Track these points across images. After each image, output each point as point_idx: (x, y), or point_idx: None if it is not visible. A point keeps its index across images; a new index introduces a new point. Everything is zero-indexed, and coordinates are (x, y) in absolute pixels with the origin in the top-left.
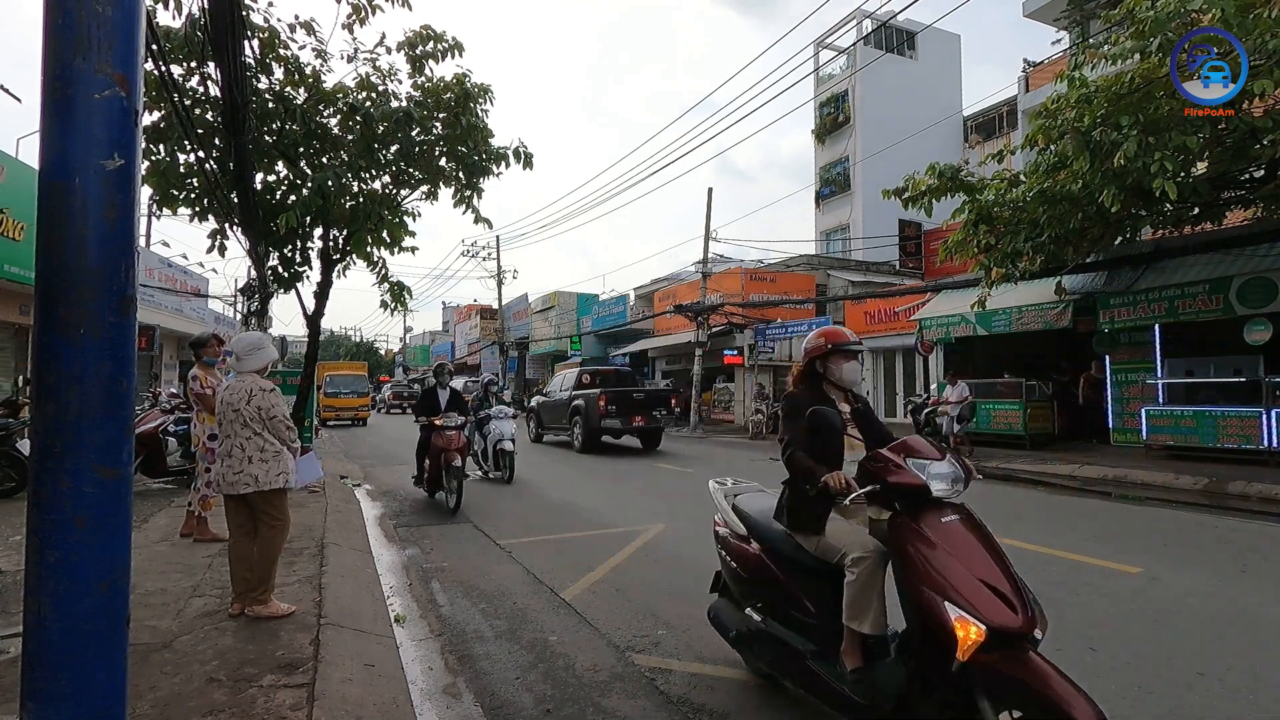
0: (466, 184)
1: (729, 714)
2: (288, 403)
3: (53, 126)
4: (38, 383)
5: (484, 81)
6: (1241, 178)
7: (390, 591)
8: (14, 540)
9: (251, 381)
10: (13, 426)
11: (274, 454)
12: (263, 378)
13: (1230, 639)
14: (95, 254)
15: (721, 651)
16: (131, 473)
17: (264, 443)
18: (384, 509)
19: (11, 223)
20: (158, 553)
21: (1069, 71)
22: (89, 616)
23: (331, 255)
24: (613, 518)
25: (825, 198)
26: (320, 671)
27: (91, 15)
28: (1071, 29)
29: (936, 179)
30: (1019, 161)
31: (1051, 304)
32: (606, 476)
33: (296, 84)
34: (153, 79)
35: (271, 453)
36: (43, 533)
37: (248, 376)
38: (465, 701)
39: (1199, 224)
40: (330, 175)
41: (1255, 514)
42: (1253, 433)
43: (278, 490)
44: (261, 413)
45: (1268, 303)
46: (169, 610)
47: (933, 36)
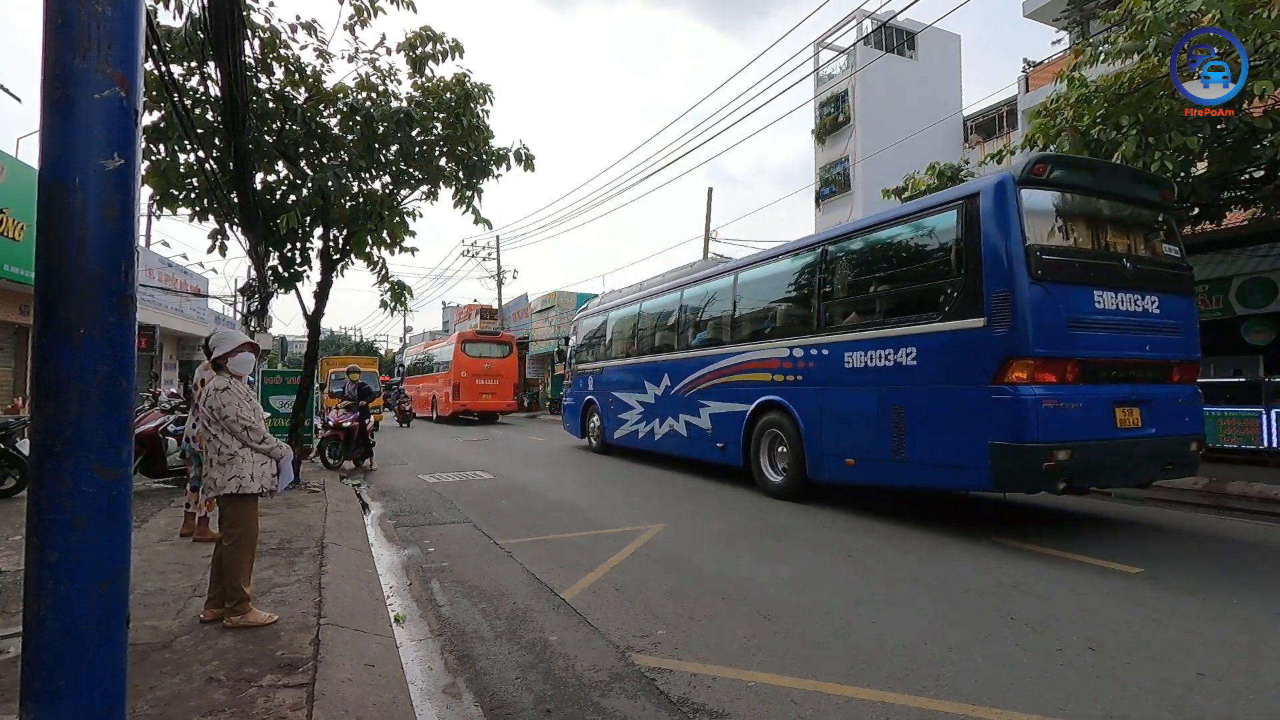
0: (466, 184)
1: (729, 714)
2: (286, 403)
3: (53, 126)
4: (38, 383)
5: (484, 82)
6: (1241, 178)
7: (390, 591)
8: (14, 540)
9: (212, 380)
10: (13, 426)
11: (229, 457)
12: (245, 374)
13: (1230, 639)
14: (95, 254)
15: (722, 651)
16: (131, 473)
17: (221, 445)
18: (384, 509)
19: (11, 223)
20: (158, 553)
21: (1069, 71)
22: (89, 616)
23: (331, 255)
24: (613, 518)
25: (825, 198)
26: (320, 671)
27: (91, 15)
28: (1071, 29)
29: (936, 179)
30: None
31: None
32: (606, 477)
33: (297, 84)
34: (153, 79)
35: (226, 455)
36: (43, 533)
37: (221, 375)
38: (465, 701)
39: (1199, 224)
40: (330, 175)
41: (1255, 514)
42: (1252, 433)
43: (233, 496)
44: (214, 413)
45: (1268, 303)
46: (169, 610)
47: (933, 36)
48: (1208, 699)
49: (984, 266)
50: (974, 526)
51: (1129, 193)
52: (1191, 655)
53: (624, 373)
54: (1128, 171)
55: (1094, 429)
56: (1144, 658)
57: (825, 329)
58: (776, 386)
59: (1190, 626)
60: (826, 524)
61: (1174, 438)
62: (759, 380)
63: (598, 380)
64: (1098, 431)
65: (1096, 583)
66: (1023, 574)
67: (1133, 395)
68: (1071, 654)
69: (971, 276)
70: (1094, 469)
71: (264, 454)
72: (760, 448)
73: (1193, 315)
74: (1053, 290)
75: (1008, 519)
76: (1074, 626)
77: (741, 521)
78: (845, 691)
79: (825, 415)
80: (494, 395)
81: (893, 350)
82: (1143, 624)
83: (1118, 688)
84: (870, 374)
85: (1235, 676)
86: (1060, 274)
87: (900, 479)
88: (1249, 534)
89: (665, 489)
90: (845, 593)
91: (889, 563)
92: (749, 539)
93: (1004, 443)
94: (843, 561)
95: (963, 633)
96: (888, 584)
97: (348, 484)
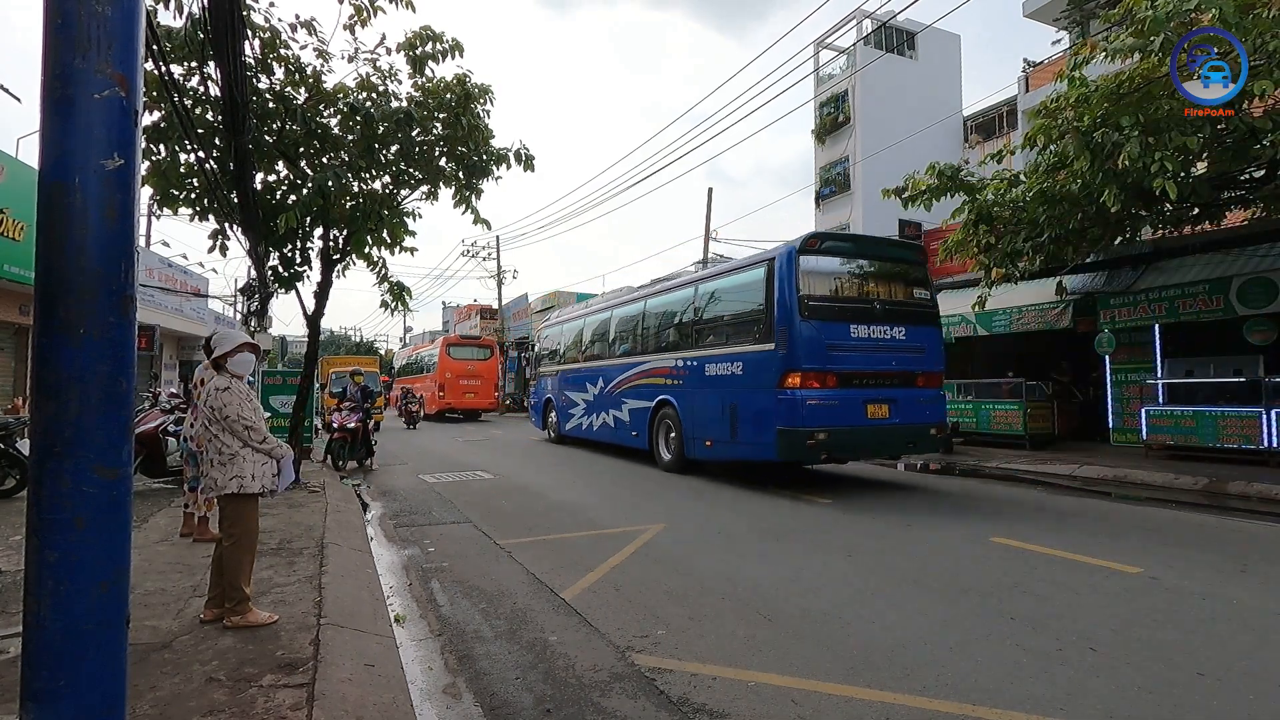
0: (466, 184)
1: (729, 714)
2: (286, 403)
3: (53, 126)
4: (38, 383)
5: (484, 82)
6: (1241, 178)
7: (390, 591)
8: (14, 540)
9: (212, 380)
10: (13, 426)
11: (230, 456)
12: (245, 374)
13: (1230, 639)
14: (95, 254)
15: (721, 651)
16: (131, 473)
17: (221, 444)
18: (384, 509)
19: (11, 223)
20: (158, 553)
21: (1069, 71)
22: (89, 616)
23: (331, 255)
24: (612, 518)
25: (825, 198)
26: (320, 671)
27: (91, 15)
28: (1071, 29)
29: (936, 179)
30: (1019, 161)
31: (1051, 304)
32: (606, 477)
33: (297, 84)
34: (153, 79)
35: (228, 455)
36: (43, 533)
37: (221, 375)
38: (465, 701)
39: (1199, 224)
40: (330, 175)
41: (1255, 514)
42: (1252, 433)
43: (235, 496)
44: (215, 413)
45: (1268, 303)
46: (169, 610)
47: (933, 37)
48: (1208, 699)
49: (775, 308)
50: (974, 527)
51: (886, 254)
52: (1192, 655)
53: (572, 376)
54: (885, 240)
55: (847, 419)
56: (1144, 658)
57: (696, 346)
58: (668, 388)
59: (1190, 626)
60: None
61: (916, 425)
62: (658, 383)
63: (554, 383)
64: (850, 421)
65: (1096, 583)
66: (1023, 574)
67: (881, 396)
68: (1071, 654)
69: (769, 315)
70: (846, 446)
71: (265, 454)
72: (657, 434)
73: (936, 338)
74: (818, 325)
75: (1008, 519)
76: (1074, 626)
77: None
78: (845, 691)
79: (695, 410)
80: (476, 394)
81: (730, 364)
82: (1143, 624)
83: (1117, 688)
84: (719, 380)
85: (1235, 676)
86: (823, 314)
87: (735, 454)
88: (1249, 534)
89: (664, 488)
90: (845, 593)
91: (889, 563)
92: (749, 539)
93: (784, 428)
94: (843, 561)
95: (963, 633)
96: (888, 584)
97: (348, 484)
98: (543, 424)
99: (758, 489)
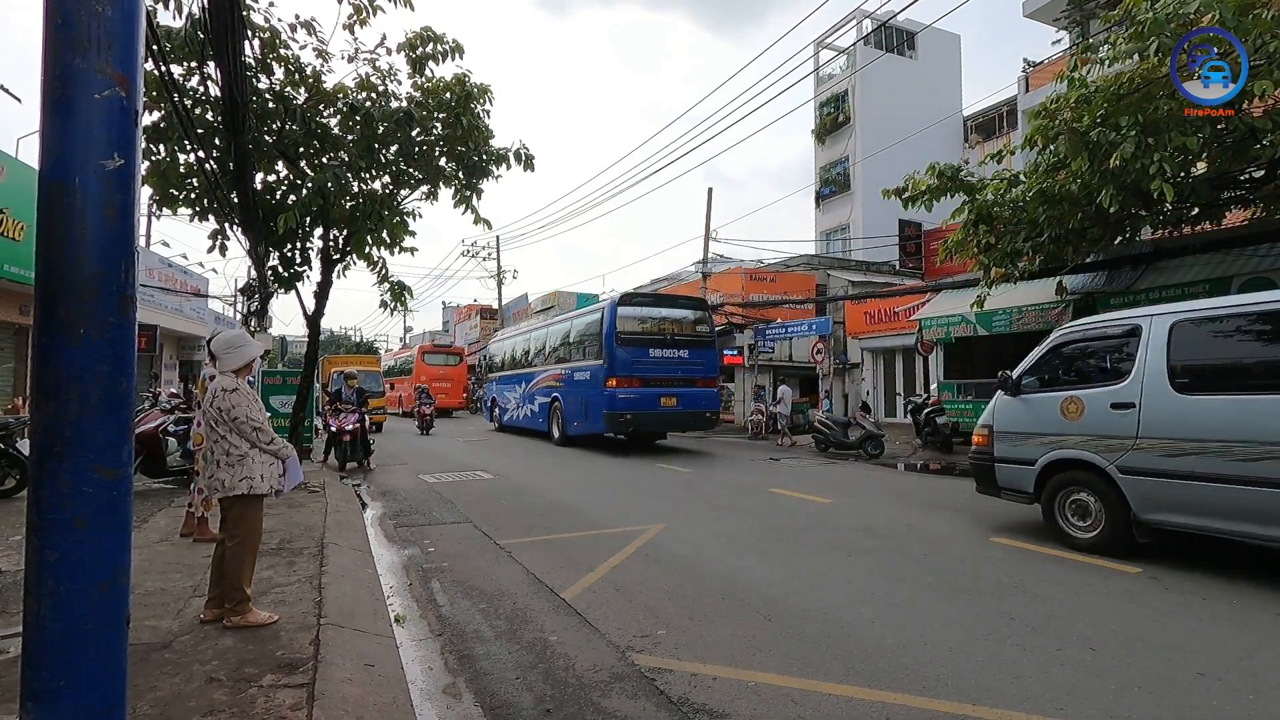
0: (466, 184)
1: (729, 714)
2: (286, 403)
3: (53, 126)
4: (38, 383)
5: (484, 82)
6: (1241, 178)
7: (390, 591)
8: (14, 540)
9: (218, 381)
10: (13, 426)
11: (238, 458)
12: (247, 375)
13: (1230, 639)
14: (95, 254)
15: (721, 651)
16: (131, 473)
17: (230, 446)
18: (384, 509)
19: (11, 223)
20: (158, 553)
21: (1068, 72)
22: (89, 616)
23: (331, 255)
24: (613, 518)
25: (825, 198)
26: (320, 671)
27: (91, 15)
28: (1071, 29)
29: (936, 179)
30: (1019, 161)
31: (1051, 304)
32: (606, 477)
33: (297, 84)
34: (153, 79)
35: (236, 456)
36: (43, 533)
37: (227, 376)
38: (465, 701)
39: (1199, 224)
40: (330, 175)
41: None
42: None
43: (242, 497)
44: (223, 414)
45: None
46: (169, 610)
47: (933, 36)
48: (1208, 699)
49: (603, 338)
50: (974, 526)
51: (677, 304)
52: (1191, 655)
53: (507, 380)
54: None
55: (646, 407)
56: (1144, 658)
57: (569, 360)
58: (556, 388)
59: (1190, 626)
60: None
61: (695, 411)
62: (551, 385)
63: (495, 386)
64: (649, 408)
65: (1096, 583)
66: (1023, 574)
67: (671, 393)
68: (1071, 654)
69: (600, 342)
70: (645, 423)
71: (272, 454)
72: (552, 420)
73: (712, 356)
74: (628, 349)
75: (1008, 519)
76: (1074, 626)
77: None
78: (845, 691)
79: (569, 402)
80: (447, 395)
81: (585, 372)
82: (1143, 624)
83: (1118, 688)
84: (579, 383)
85: (1235, 676)
86: (630, 343)
87: (585, 430)
88: None
89: (665, 488)
90: (845, 592)
91: (889, 563)
92: (749, 539)
93: (607, 412)
94: (842, 561)
95: (963, 633)
96: (888, 584)
97: (348, 484)
98: (490, 417)
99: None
